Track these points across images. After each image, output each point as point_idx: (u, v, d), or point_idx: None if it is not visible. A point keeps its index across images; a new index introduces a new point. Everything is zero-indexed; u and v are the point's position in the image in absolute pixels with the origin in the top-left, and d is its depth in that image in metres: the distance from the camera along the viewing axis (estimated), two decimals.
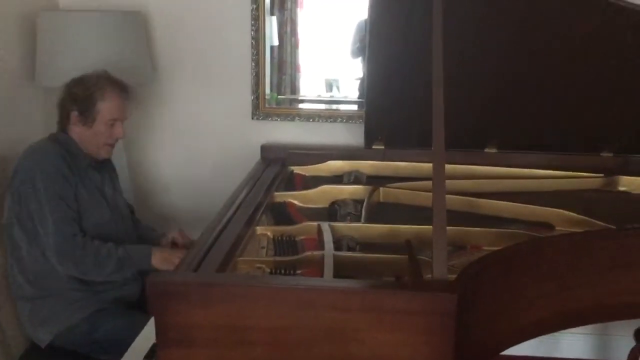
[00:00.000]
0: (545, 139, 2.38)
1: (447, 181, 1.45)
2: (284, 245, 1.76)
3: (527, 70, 2.18)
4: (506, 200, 2.04)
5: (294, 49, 2.87)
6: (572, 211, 1.92)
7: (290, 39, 2.84)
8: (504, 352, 1.57)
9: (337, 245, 1.71)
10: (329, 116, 2.71)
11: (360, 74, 2.82)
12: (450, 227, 1.47)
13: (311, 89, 2.93)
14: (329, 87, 3.09)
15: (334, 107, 2.85)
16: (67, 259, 1.89)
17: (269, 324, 1.32)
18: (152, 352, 1.43)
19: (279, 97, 2.80)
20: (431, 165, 1.47)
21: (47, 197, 1.88)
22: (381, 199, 2.16)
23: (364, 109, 2.40)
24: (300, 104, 2.89)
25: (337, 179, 2.37)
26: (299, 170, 2.45)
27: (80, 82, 2.01)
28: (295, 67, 2.89)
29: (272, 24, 2.73)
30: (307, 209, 2.09)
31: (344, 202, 2.10)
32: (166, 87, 2.70)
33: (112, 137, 2.05)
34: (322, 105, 2.89)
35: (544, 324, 1.59)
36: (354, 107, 2.79)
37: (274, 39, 2.78)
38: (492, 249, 1.68)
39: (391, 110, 2.33)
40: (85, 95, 1.97)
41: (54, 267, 1.91)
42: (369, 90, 2.30)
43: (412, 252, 1.59)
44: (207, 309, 1.32)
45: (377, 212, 2.05)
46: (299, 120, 2.70)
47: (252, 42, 2.61)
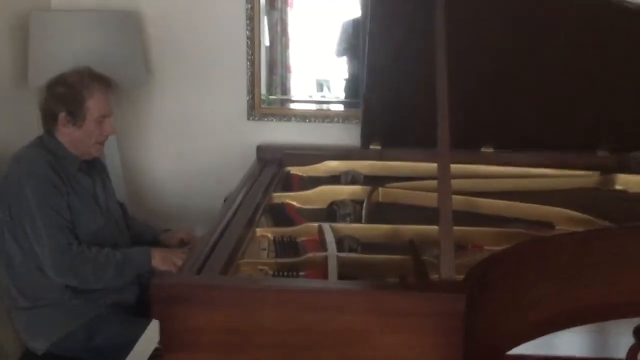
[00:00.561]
0: (541, 138, 2.37)
1: None
2: (285, 246, 1.74)
3: (523, 69, 2.17)
4: (505, 199, 2.03)
5: (284, 48, 2.83)
6: (571, 210, 1.92)
7: (280, 38, 2.81)
8: None
9: (339, 246, 1.70)
10: (325, 116, 2.69)
11: (346, 75, 2.81)
12: None
13: (302, 90, 2.91)
14: (320, 87, 3.07)
15: (325, 107, 2.83)
16: (65, 269, 1.84)
17: (275, 327, 1.31)
18: (154, 357, 1.41)
19: (270, 97, 2.78)
20: (429, 164, 1.47)
21: (38, 210, 1.82)
22: (380, 199, 2.15)
23: (361, 110, 2.38)
24: (291, 104, 2.86)
25: (335, 179, 2.35)
26: (295, 170, 2.43)
27: (62, 81, 1.93)
28: (286, 67, 2.86)
29: (264, 24, 2.71)
30: (306, 209, 2.08)
31: (343, 202, 2.08)
32: (161, 88, 2.67)
33: (103, 135, 1.99)
34: (313, 105, 2.85)
35: (549, 323, 1.59)
36: (346, 107, 2.76)
37: (265, 39, 2.76)
38: (494, 249, 1.68)
39: (388, 110, 2.32)
40: (72, 94, 1.91)
41: (48, 278, 1.86)
42: (366, 90, 2.29)
43: (417, 252, 1.58)
44: (212, 312, 1.31)
45: (377, 212, 2.03)
46: (295, 120, 2.69)
47: (248, 42, 2.59)
